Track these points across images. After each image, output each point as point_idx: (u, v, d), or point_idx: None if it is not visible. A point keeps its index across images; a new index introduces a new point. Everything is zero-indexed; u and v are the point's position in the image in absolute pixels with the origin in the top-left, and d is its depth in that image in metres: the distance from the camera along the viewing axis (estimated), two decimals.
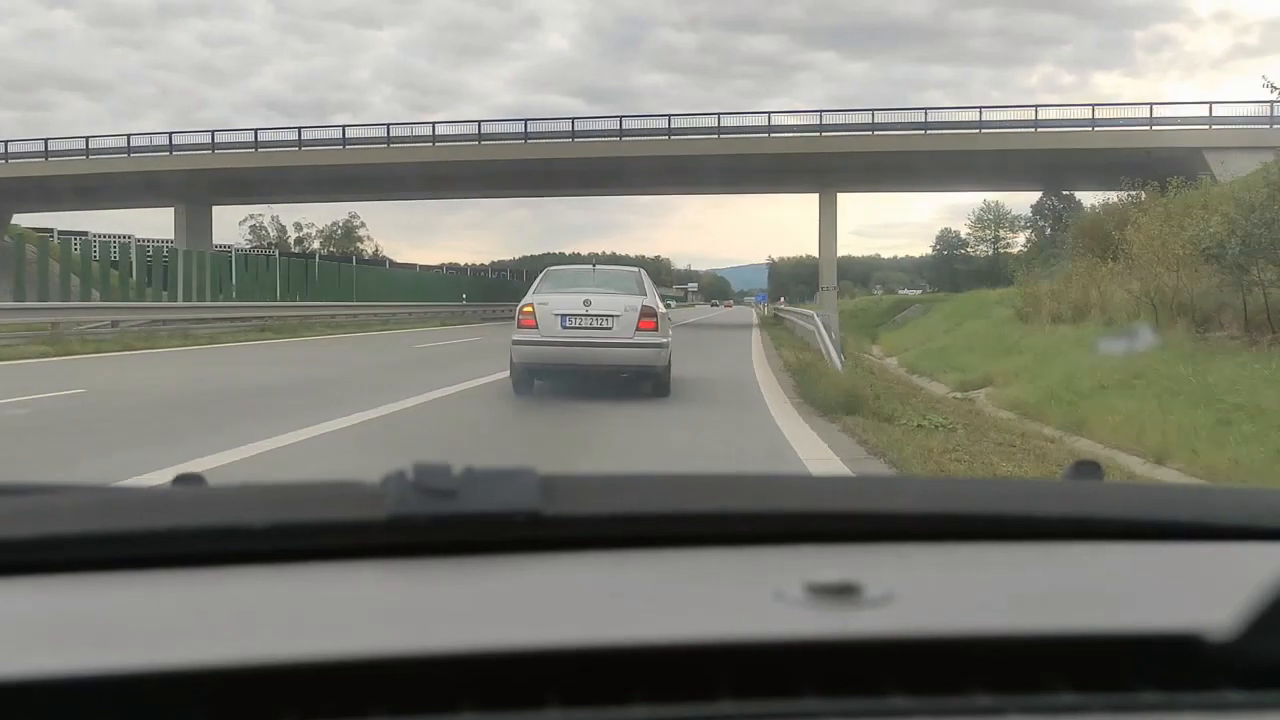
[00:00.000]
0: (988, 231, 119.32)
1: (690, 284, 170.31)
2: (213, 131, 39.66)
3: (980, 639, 0.66)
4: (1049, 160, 35.67)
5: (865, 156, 35.79)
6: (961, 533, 0.91)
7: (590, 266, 11.94)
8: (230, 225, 75.65)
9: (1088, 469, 1.10)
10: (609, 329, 10.13)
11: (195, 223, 41.24)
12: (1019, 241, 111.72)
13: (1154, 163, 25.83)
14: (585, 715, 0.60)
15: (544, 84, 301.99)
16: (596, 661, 0.63)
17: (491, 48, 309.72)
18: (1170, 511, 0.98)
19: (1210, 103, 35.30)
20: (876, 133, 36.21)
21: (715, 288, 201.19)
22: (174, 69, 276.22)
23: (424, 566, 0.82)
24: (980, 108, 38.00)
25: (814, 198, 39.13)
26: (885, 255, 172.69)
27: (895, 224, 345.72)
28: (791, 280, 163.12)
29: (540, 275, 11.52)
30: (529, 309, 10.33)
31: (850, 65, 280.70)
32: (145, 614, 0.75)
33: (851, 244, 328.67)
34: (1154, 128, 33.59)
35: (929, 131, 35.78)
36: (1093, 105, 37.32)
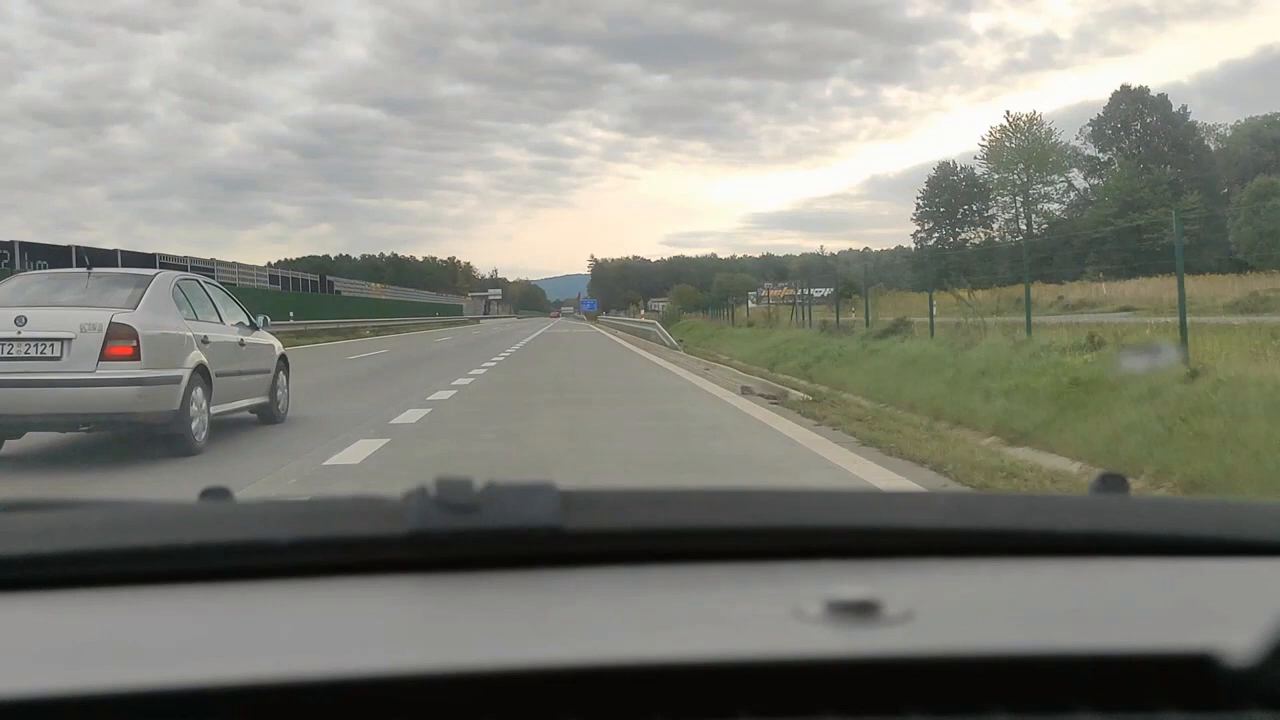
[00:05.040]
0: (1013, 173, 66.43)
1: (492, 291, 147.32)
2: None
3: (1000, 658, 0.66)
4: None
5: None
6: (984, 548, 0.91)
7: (85, 270, 8.20)
8: None
9: (1113, 482, 1.09)
10: (56, 358, 6.82)
11: None
12: (1059, 192, 62.57)
13: None
14: None
15: (343, 94, 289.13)
16: (615, 679, 0.63)
17: (282, 55, 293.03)
18: (1195, 526, 0.98)
19: None
20: None
21: (527, 297, 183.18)
22: None
23: (445, 582, 0.83)
24: None
25: None
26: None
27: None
28: (618, 285, 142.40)
29: None
30: None
31: (653, 77, 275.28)
32: (169, 630, 0.77)
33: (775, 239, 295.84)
34: None
35: None
36: None
